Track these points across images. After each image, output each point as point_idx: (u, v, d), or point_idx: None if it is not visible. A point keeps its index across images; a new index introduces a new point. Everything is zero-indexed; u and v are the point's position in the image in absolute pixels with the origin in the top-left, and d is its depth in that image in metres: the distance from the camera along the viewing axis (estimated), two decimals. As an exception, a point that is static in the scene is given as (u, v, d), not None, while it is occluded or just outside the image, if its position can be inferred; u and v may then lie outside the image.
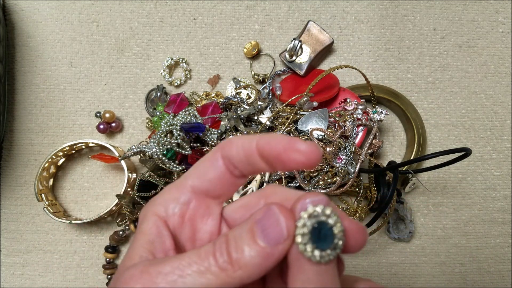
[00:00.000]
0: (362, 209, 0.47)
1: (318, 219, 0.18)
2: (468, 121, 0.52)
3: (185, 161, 0.44)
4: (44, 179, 0.49)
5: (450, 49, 0.53)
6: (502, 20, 0.53)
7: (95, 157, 0.47)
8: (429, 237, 0.50)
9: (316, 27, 0.50)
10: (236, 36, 0.53)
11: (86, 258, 0.50)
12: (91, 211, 0.51)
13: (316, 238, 0.18)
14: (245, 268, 0.18)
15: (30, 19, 0.52)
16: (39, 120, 0.51)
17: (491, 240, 0.50)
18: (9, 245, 0.50)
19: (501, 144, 0.51)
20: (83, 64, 0.52)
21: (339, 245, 0.18)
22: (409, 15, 0.53)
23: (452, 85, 0.52)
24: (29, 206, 0.50)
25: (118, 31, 0.52)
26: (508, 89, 0.52)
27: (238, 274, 0.18)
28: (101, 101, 0.52)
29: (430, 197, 0.51)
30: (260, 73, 0.52)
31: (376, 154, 0.47)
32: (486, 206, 0.51)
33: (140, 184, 0.45)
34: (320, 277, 0.18)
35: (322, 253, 0.18)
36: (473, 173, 0.51)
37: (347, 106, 0.46)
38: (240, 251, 0.18)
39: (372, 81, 0.51)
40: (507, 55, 0.53)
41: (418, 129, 0.50)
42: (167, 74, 0.51)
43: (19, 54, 0.52)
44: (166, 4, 0.53)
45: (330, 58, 0.53)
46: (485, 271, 0.50)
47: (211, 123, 0.45)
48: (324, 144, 0.43)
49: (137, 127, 0.51)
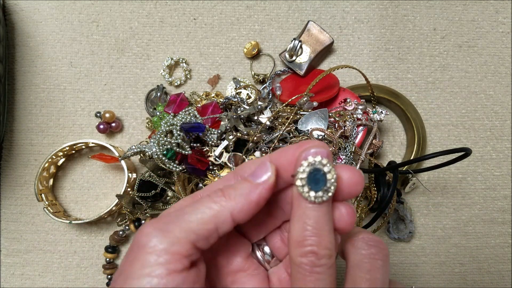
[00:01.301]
0: (362, 209, 0.47)
1: (314, 166, 0.22)
2: (468, 121, 0.52)
3: (185, 161, 0.44)
4: (44, 179, 0.49)
5: (450, 49, 0.53)
6: (502, 20, 0.53)
7: (95, 157, 0.47)
8: (429, 237, 0.50)
9: (316, 27, 0.50)
10: (236, 36, 0.53)
11: (86, 258, 0.50)
12: (91, 211, 0.51)
13: (312, 181, 0.22)
14: (235, 199, 0.23)
15: (30, 19, 0.52)
16: (39, 120, 0.51)
17: (491, 240, 0.50)
18: (9, 245, 0.50)
19: (501, 144, 0.51)
20: (83, 64, 0.52)
21: (330, 189, 0.22)
22: (409, 15, 0.53)
23: (452, 85, 0.52)
24: (29, 206, 0.50)
25: (118, 31, 0.52)
26: (508, 89, 0.52)
27: (229, 202, 0.23)
28: (101, 101, 0.52)
29: (430, 197, 0.51)
30: (260, 73, 0.52)
31: (376, 154, 0.47)
32: (486, 206, 0.51)
33: (140, 184, 0.45)
34: (314, 213, 0.22)
35: (316, 194, 0.22)
36: (473, 173, 0.51)
37: (347, 106, 0.46)
38: (232, 188, 0.23)
39: (372, 81, 0.51)
40: (507, 55, 0.53)
41: (418, 129, 0.50)
42: (167, 74, 0.51)
43: (19, 54, 0.52)
44: (166, 4, 0.53)
45: (330, 58, 0.53)
46: (485, 271, 0.50)
47: (211, 123, 0.45)
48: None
49: (137, 127, 0.51)
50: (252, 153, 0.44)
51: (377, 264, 0.23)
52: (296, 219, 0.23)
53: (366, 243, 0.24)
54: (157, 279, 0.21)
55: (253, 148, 0.44)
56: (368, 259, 0.24)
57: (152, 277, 0.21)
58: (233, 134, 0.43)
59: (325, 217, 0.22)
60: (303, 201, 0.22)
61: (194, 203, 0.24)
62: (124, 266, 0.23)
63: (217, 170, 0.45)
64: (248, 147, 0.43)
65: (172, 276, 0.21)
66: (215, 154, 0.44)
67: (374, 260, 0.24)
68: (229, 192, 0.23)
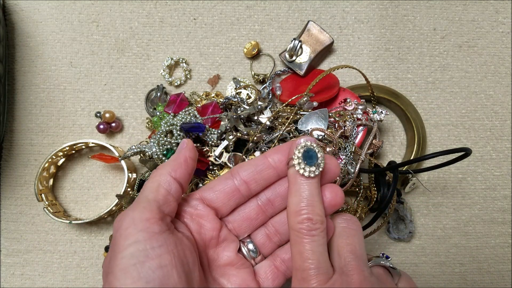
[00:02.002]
0: (362, 209, 0.47)
1: (308, 147, 0.28)
2: (468, 121, 0.52)
3: (185, 161, 0.44)
4: (44, 179, 0.49)
5: (450, 49, 0.53)
6: (502, 20, 0.53)
7: (95, 157, 0.47)
8: (429, 237, 0.50)
9: (316, 27, 0.50)
10: (236, 36, 0.53)
11: (86, 258, 0.50)
12: (91, 211, 0.51)
13: (307, 158, 0.28)
14: (168, 163, 0.30)
15: (30, 19, 0.52)
16: (39, 120, 0.51)
17: (491, 240, 0.50)
18: (9, 245, 0.50)
19: (501, 144, 0.51)
20: (83, 64, 0.52)
21: (321, 165, 0.28)
22: (409, 15, 0.53)
23: (452, 85, 0.52)
24: (29, 206, 0.50)
25: (118, 31, 0.52)
26: (508, 89, 0.52)
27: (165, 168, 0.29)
28: (101, 101, 0.52)
29: (430, 197, 0.51)
30: (260, 73, 0.52)
31: (376, 154, 0.47)
32: (486, 206, 0.51)
33: (140, 184, 0.45)
34: (307, 186, 0.28)
35: (310, 168, 0.28)
36: (473, 173, 0.51)
37: (347, 106, 0.46)
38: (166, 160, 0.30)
39: (372, 81, 0.51)
40: (507, 55, 0.53)
41: (418, 129, 0.50)
42: (167, 74, 0.51)
43: (19, 54, 0.52)
44: (166, 4, 0.53)
45: (330, 58, 0.53)
46: (485, 271, 0.50)
47: (211, 123, 0.45)
48: (324, 144, 0.43)
49: (137, 127, 0.51)
50: (252, 153, 0.44)
51: (353, 232, 0.30)
52: (293, 193, 0.28)
53: (342, 218, 0.31)
54: (142, 243, 0.24)
55: (253, 148, 0.44)
56: (346, 229, 0.30)
57: (137, 242, 0.24)
58: (233, 134, 0.43)
59: (316, 190, 0.28)
60: (299, 177, 0.28)
61: (145, 183, 0.29)
62: (110, 250, 0.26)
63: (217, 170, 0.45)
64: (248, 147, 0.43)
65: (155, 237, 0.25)
66: (215, 154, 0.44)
67: (351, 229, 0.30)
68: (164, 162, 0.30)
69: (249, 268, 0.31)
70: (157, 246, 0.24)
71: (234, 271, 0.30)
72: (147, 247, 0.24)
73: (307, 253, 0.27)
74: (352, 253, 0.29)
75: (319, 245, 0.27)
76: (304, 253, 0.27)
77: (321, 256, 0.27)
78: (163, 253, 0.24)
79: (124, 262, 0.24)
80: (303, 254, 0.27)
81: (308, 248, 0.27)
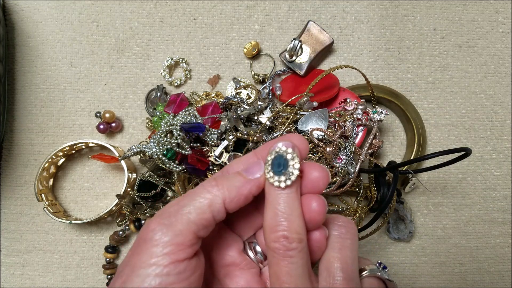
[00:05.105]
0: (362, 209, 0.47)
1: (278, 154, 0.25)
2: (468, 121, 0.52)
3: (185, 161, 0.44)
4: (44, 179, 0.49)
5: (450, 49, 0.53)
6: (502, 20, 0.53)
7: (95, 157, 0.47)
8: (429, 237, 0.50)
9: (316, 27, 0.50)
10: (236, 36, 0.53)
11: (86, 258, 0.50)
12: (91, 211, 0.51)
13: (275, 166, 0.25)
14: (228, 189, 0.25)
15: (30, 19, 0.52)
16: (39, 120, 0.51)
17: (491, 240, 0.50)
18: (9, 245, 0.50)
19: (501, 144, 0.51)
20: (83, 64, 0.52)
21: (293, 174, 0.24)
22: (409, 15, 0.53)
23: (452, 85, 0.52)
24: (29, 206, 0.50)
25: (118, 31, 0.52)
26: (508, 89, 0.52)
27: (222, 191, 0.25)
28: (101, 101, 0.52)
29: (430, 197, 0.51)
30: (260, 73, 0.52)
31: (376, 154, 0.47)
32: (486, 206, 0.51)
33: (140, 184, 0.45)
34: (283, 199, 0.24)
35: (279, 177, 0.24)
36: (473, 173, 0.51)
37: (347, 106, 0.46)
38: (225, 179, 0.26)
39: (372, 81, 0.51)
40: (507, 55, 0.53)
41: (418, 129, 0.50)
42: (167, 74, 0.51)
43: (19, 54, 0.52)
44: (166, 4, 0.53)
45: (330, 58, 0.53)
46: (485, 271, 0.50)
47: (211, 123, 0.45)
48: (324, 144, 0.43)
49: (137, 127, 0.51)
50: (252, 153, 0.44)
51: (346, 243, 0.26)
52: (268, 206, 0.25)
53: (336, 224, 0.27)
54: (162, 267, 0.23)
55: (253, 148, 0.44)
56: (338, 238, 0.26)
57: (158, 266, 0.23)
58: (233, 134, 0.43)
59: (294, 203, 0.25)
60: (272, 188, 0.25)
61: (189, 194, 0.26)
62: (131, 258, 0.25)
63: (217, 170, 0.45)
64: (248, 147, 0.43)
65: (177, 264, 0.24)
66: (215, 154, 0.44)
67: (344, 240, 0.26)
68: (222, 182, 0.26)
69: (255, 269, 0.30)
70: (174, 273, 0.24)
71: (238, 272, 0.29)
72: (164, 272, 0.23)
73: (284, 277, 0.24)
74: (342, 271, 0.26)
75: (297, 267, 0.24)
76: (280, 277, 0.24)
77: (299, 279, 0.24)
78: (179, 281, 0.24)
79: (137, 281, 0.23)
80: (280, 278, 0.24)
81: (285, 272, 0.24)
